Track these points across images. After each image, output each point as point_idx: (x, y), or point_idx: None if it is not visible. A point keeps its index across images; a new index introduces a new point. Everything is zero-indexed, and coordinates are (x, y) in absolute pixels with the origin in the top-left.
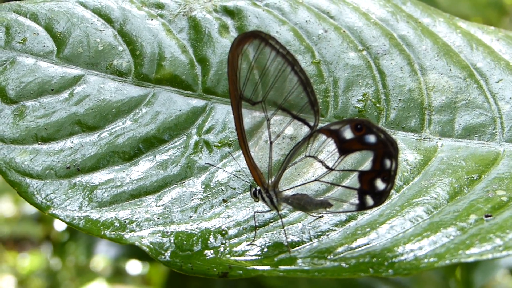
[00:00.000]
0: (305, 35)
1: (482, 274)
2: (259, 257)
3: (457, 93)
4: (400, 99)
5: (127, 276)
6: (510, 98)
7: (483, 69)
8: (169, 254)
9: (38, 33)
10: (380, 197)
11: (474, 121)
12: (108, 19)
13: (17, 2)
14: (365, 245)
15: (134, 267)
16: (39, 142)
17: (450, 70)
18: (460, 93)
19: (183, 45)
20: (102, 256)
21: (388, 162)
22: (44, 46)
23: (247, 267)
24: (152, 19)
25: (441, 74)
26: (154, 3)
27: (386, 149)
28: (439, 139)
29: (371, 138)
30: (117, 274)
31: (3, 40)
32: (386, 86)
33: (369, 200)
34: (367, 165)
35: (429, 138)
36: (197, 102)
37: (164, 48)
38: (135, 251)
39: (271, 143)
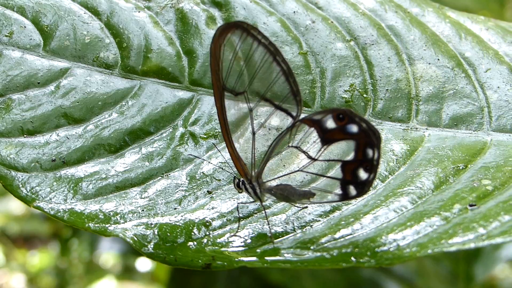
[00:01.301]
0: (292, 26)
1: (483, 267)
2: (243, 248)
3: (444, 83)
4: (387, 89)
5: (136, 273)
6: (498, 87)
7: (471, 58)
8: (152, 246)
9: (25, 26)
10: (363, 187)
11: (462, 110)
12: (95, 12)
13: None
14: (348, 235)
15: (143, 264)
16: (25, 135)
17: (438, 59)
18: (448, 82)
19: (170, 37)
20: (106, 253)
21: (370, 152)
22: (31, 39)
23: (232, 259)
24: (139, 11)
25: (429, 64)
26: None
27: (368, 139)
28: (426, 129)
29: (353, 128)
30: (127, 271)
31: None
32: (374, 77)
33: (352, 190)
34: (350, 156)
35: (416, 128)
36: (183, 94)
37: (151, 40)
38: None
39: (253, 134)
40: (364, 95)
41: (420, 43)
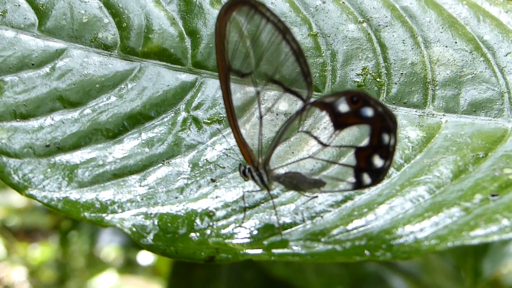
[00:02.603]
0: (302, 6)
1: (491, 263)
2: (249, 240)
3: (462, 67)
4: (402, 73)
5: (138, 267)
6: None
7: (490, 41)
8: (151, 237)
9: (19, 5)
10: (378, 175)
11: (481, 96)
12: None
13: None
14: (361, 226)
15: (145, 257)
16: (18, 119)
17: (456, 42)
18: (466, 66)
19: (172, 17)
20: (107, 246)
21: (386, 137)
22: (25, 18)
23: (237, 251)
24: None
25: (446, 47)
26: None
27: (384, 123)
28: (443, 115)
29: (368, 112)
30: (128, 264)
31: None
32: (387, 60)
33: (367, 178)
34: (365, 141)
35: (433, 114)
36: (186, 77)
37: (152, 20)
38: None
39: (261, 118)
40: (378, 79)
41: (437, 25)
